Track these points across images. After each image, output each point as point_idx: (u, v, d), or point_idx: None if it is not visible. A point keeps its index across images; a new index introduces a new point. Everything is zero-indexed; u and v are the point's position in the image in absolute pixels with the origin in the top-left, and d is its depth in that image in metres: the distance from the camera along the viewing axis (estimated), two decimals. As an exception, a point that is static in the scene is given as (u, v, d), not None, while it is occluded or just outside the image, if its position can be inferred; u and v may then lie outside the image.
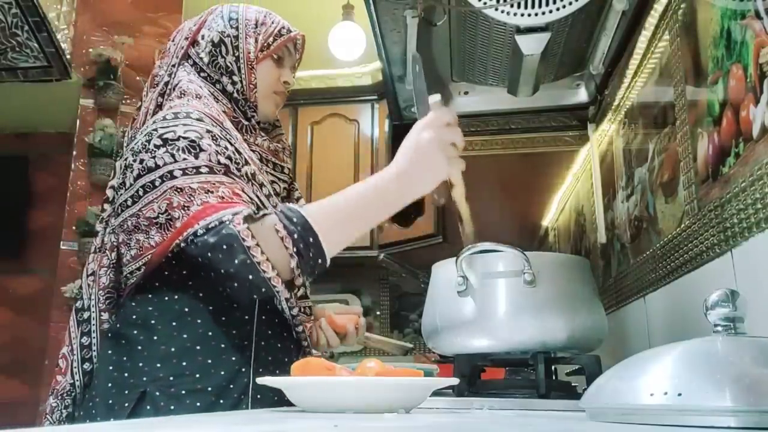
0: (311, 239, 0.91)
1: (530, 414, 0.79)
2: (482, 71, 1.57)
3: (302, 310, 1.09)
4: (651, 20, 1.33)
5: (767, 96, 0.85)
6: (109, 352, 0.99)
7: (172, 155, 0.95)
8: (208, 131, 0.99)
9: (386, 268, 3.13)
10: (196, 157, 0.95)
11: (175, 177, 0.93)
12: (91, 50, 2.91)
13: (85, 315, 1.04)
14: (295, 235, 0.90)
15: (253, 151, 1.11)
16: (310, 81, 3.19)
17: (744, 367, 0.46)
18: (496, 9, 1.19)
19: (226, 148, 1.00)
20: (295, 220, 0.91)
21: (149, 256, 0.95)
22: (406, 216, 2.87)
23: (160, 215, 0.93)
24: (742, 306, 0.54)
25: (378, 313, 3.37)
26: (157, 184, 0.94)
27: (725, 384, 0.45)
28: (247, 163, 1.04)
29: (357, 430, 0.51)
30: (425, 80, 1.03)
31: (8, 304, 3.30)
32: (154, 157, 0.95)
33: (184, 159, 0.94)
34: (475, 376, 1.09)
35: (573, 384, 1.12)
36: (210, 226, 0.89)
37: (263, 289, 0.90)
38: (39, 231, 3.35)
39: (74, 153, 2.85)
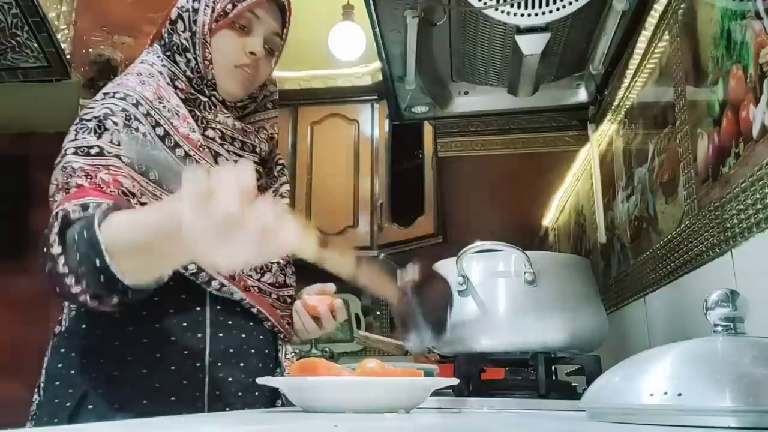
0: (98, 258, 0.76)
1: (530, 414, 0.79)
2: (482, 71, 1.57)
3: (279, 298, 1.07)
4: (651, 20, 1.33)
5: (767, 96, 0.85)
6: (61, 350, 0.95)
7: (76, 133, 0.93)
8: (124, 110, 0.94)
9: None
10: (98, 137, 0.91)
11: (67, 155, 0.91)
12: (91, 50, 2.91)
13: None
14: (83, 248, 0.77)
15: (213, 128, 1.03)
16: (310, 81, 3.19)
17: (744, 367, 0.46)
18: (496, 9, 1.19)
19: (137, 129, 0.94)
20: (87, 233, 0.77)
21: None
22: (406, 216, 2.87)
23: (51, 198, 0.91)
24: (742, 306, 0.54)
25: (378, 313, 3.37)
26: (57, 163, 0.92)
27: (725, 384, 0.45)
28: (178, 145, 0.97)
29: (357, 430, 0.51)
30: None
31: (8, 304, 3.29)
32: (68, 137, 0.94)
33: (84, 138, 0.91)
34: (475, 376, 1.09)
35: (573, 384, 1.12)
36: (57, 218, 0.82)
37: (70, 299, 0.83)
38: (39, 231, 3.31)
39: (74, 153, 2.85)
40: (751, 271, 0.91)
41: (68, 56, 2.84)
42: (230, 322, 0.99)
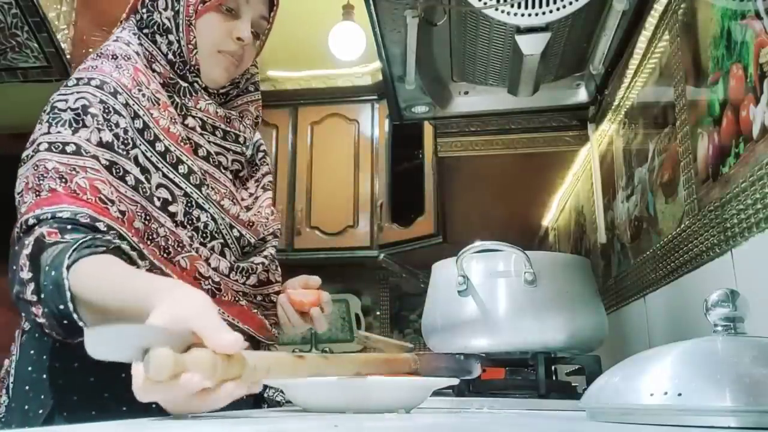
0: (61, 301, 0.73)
1: (530, 414, 0.79)
2: (482, 71, 1.57)
3: (264, 298, 1.03)
4: (651, 20, 1.33)
5: (767, 96, 0.85)
6: (31, 351, 0.89)
7: (50, 125, 0.85)
8: (102, 101, 0.87)
9: (386, 268, 3.14)
10: (74, 132, 0.84)
11: (40, 150, 0.84)
12: (91, 50, 2.90)
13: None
14: (51, 285, 0.74)
15: (193, 116, 0.97)
16: (310, 81, 3.19)
17: (744, 367, 0.46)
18: (496, 9, 1.19)
19: (117, 124, 0.87)
20: (58, 269, 0.73)
21: None
22: (406, 216, 2.87)
23: (17, 194, 0.84)
24: (742, 306, 0.54)
25: (378, 313, 3.37)
26: (29, 157, 0.85)
27: (725, 384, 0.45)
28: (158, 138, 0.91)
29: (357, 430, 0.51)
30: None
31: (8, 304, 3.28)
32: (40, 128, 0.87)
33: (58, 132, 0.84)
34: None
35: (573, 384, 1.12)
36: (24, 228, 0.78)
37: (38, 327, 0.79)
38: (39, 231, 3.34)
39: (74, 153, 2.85)
40: (751, 271, 0.91)
41: (68, 56, 2.85)
42: None
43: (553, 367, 1.16)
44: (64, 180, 0.81)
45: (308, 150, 3.17)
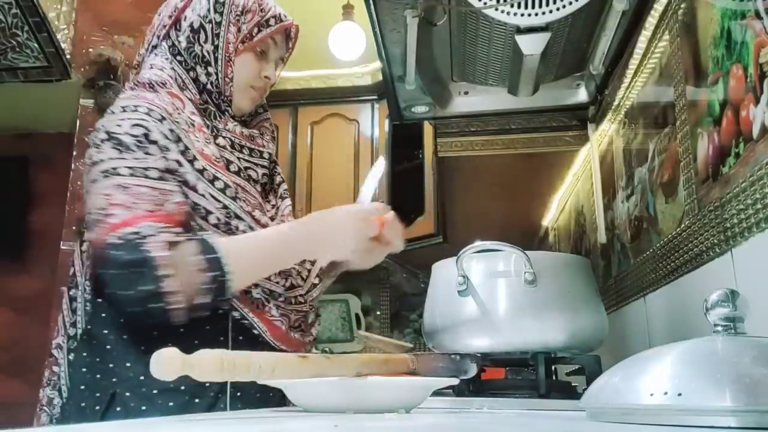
0: (220, 275, 0.89)
1: (530, 414, 0.79)
2: (482, 71, 1.57)
3: (286, 300, 1.06)
4: (651, 20, 1.33)
5: (767, 96, 0.85)
6: (84, 354, 0.97)
7: (119, 150, 0.92)
8: (157, 129, 0.95)
9: (386, 268, 3.13)
10: (146, 154, 0.93)
11: (121, 174, 0.91)
12: (91, 50, 2.91)
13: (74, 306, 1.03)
14: (205, 265, 0.88)
15: (224, 137, 1.06)
16: (310, 81, 3.19)
17: (744, 367, 0.46)
18: (496, 9, 1.19)
19: (170, 149, 0.96)
20: (207, 253, 0.89)
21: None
22: (406, 216, 2.87)
23: (99, 211, 0.91)
24: (742, 306, 0.54)
25: (378, 313, 3.37)
26: (100, 179, 0.92)
27: (725, 384, 0.45)
28: (196, 158, 0.99)
29: (357, 430, 0.51)
30: None
31: (8, 304, 3.29)
32: (100, 152, 0.93)
33: (134, 158, 0.92)
34: (475, 376, 1.09)
35: (573, 384, 1.12)
36: (128, 238, 0.86)
37: (162, 317, 0.87)
38: (39, 231, 3.34)
39: (74, 153, 2.85)
40: (751, 271, 0.91)
41: (68, 56, 2.85)
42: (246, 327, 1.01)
43: (553, 367, 1.16)
44: (159, 205, 0.91)
45: (308, 150, 3.17)
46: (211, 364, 0.59)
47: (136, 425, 0.60)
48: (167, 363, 0.57)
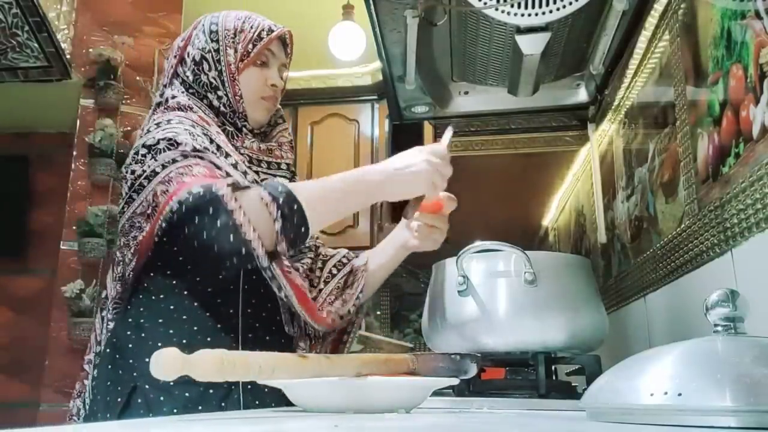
0: (295, 206, 0.92)
1: (530, 414, 0.79)
2: (482, 71, 1.57)
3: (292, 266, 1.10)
4: (651, 20, 1.33)
5: (767, 96, 0.85)
6: (107, 350, 1.03)
7: (154, 157, 0.99)
8: (186, 129, 1.02)
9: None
10: (173, 152, 0.99)
11: (157, 173, 0.98)
12: (91, 50, 2.91)
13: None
14: (280, 200, 0.92)
15: (242, 154, 1.12)
16: (310, 81, 3.19)
17: (744, 367, 0.46)
18: (496, 9, 1.19)
19: (208, 142, 1.03)
20: (279, 189, 0.93)
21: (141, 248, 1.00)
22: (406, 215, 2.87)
23: (150, 206, 0.98)
24: (742, 306, 0.54)
25: (378, 313, 3.37)
26: (144, 184, 0.99)
27: (725, 384, 0.45)
28: (228, 155, 1.06)
29: (357, 430, 0.51)
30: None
31: (8, 304, 3.29)
32: (142, 164, 1.00)
33: (163, 156, 0.99)
34: (475, 376, 1.09)
35: (573, 384, 1.12)
36: (193, 191, 0.91)
37: (243, 252, 0.90)
38: (39, 231, 3.34)
39: (74, 153, 2.85)
40: (751, 271, 0.91)
41: (68, 56, 2.85)
42: (257, 324, 1.06)
43: (553, 367, 1.16)
44: (184, 174, 0.96)
45: (308, 150, 3.17)
46: (211, 364, 0.59)
47: (136, 425, 0.60)
48: (167, 363, 0.57)
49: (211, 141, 1.05)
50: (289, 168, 1.19)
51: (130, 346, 1.00)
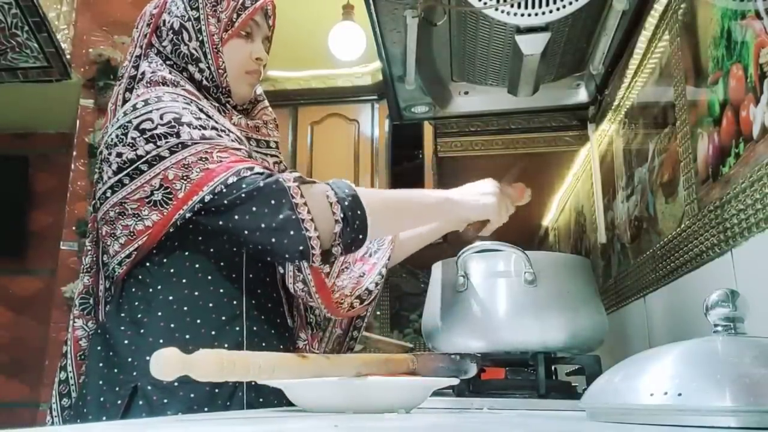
0: (359, 211, 0.91)
1: (530, 414, 0.79)
2: (482, 71, 1.57)
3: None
4: (651, 20, 1.33)
5: (767, 96, 0.85)
6: (98, 348, 0.96)
7: (154, 143, 0.92)
8: (185, 108, 0.96)
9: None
10: (179, 136, 0.92)
11: (164, 157, 0.91)
12: (91, 50, 2.91)
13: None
14: (345, 203, 0.91)
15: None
16: (310, 81, 3.19)
17: (744, 367, 0.46)
18: (496, 9, 1.19)
19: (208, 119, 0.97)
20: (346, 190, 0.92)
21: (144, 238, 0.93)
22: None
23: (154, 192, 0.91)
24: (742, 306, 0.54)
25: (378, 313, 3.37)
26: (145, 169, 0.92)
27: (725, 384, 0.45)
28: (229, 132, 1.00)
29: (357, 430, 0.51)
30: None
31: (8, 304, 3.30)
32: (135, 149, 0.92)
33: (167, 141, 0.92)
34: (475, 376, 1.09)
35: (573, 384, 1.12)
36: (243, 175, 0.89)
37: (301, 248, 0.88)
38: (39, 231, 3.34)
39: (74, 153, 2.85)
40: (751, 271, 0.91)
41: (68, 56, 2.85)
42: (262, 317, 1.00)
43: (553, 367, 1.16)
44: (205, 160, 0.91)
45: (308, 150, 3.17)
46: (211, 364, 0.59)
47: (136, 425, 0.60)
48: (167, 363, 0.57)
49: (209, 117, 0.99)
50: (277, 146, 1.15)
51: (126, 342, 0.93)
